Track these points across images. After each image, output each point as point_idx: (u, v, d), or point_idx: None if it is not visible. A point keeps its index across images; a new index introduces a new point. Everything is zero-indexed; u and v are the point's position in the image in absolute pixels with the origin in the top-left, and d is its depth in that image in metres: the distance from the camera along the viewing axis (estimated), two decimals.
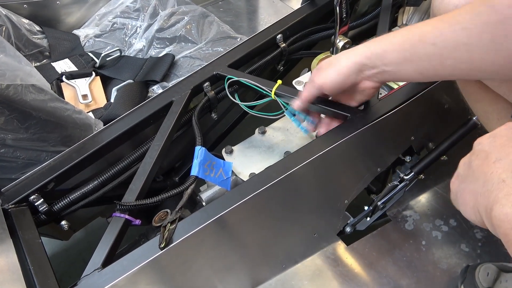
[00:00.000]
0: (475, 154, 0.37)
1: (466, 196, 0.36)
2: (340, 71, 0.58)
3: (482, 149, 0.36)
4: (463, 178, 0.38)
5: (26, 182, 0.63)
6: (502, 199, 0.31)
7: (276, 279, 0.71)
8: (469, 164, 0.37)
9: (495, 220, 0.31)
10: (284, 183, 0.61)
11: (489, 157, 0.34)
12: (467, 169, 0.37)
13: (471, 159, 0.37)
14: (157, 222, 0.60)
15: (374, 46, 0.54)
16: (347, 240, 0.75)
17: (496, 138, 0.36)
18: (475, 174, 0.35)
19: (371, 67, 0.56)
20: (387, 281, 0.70)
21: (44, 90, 0.65)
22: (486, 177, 0.33)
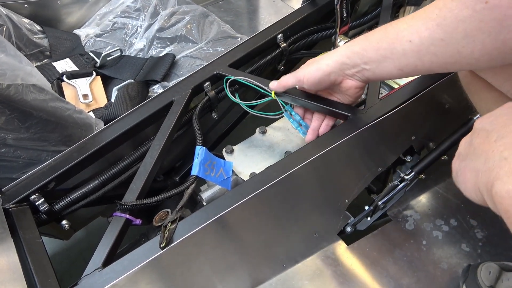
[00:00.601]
0: (476, 132, 0.37)
1: (467, 174, 0.37)
2: (320, 68, 0.60)
3: (483, 127, 0.36)
4: (464, 157, 0.38)
5: (27, 181, 0.63)
6: (504, 176, 0.31)
7: (277, 278, 0.71)
8: (470, 143, 0.38)
9: (496, 197, 0.31)
10: (284, 182, 0.61)
11: (490, 136, 0.35)
12: (468, 147, 0.38)
13: (472, 138, 0.37)
14: (157, 222, 0.60)
15: (354, 46, 0.56)
16: (348, 240, 0.75)
17: (497, 117, 0.36)
18: (476, 152, 0.36)
19: (352, 66, 0.57)
20: (388, 281, 0.70)
21: (45, 89, 0.65)
22: (488, 154, 0.34)
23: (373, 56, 0.54)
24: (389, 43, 0.51)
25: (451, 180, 0.84)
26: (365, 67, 0.56)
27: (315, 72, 0.61)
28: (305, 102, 0.68)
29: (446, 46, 0.46)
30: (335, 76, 0.60)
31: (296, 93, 0.68)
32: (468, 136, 0.39)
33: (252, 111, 0.71)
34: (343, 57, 0.57)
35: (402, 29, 0.50)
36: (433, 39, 0.47)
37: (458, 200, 0.81)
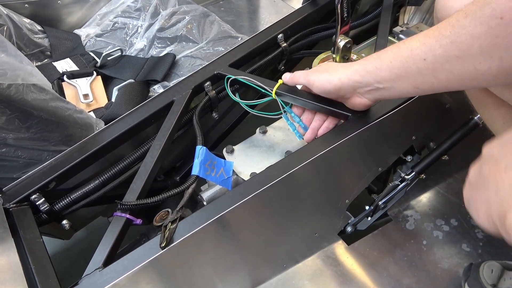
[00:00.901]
0: (485, 160, 0.37)
1: (479, 204, 0.37)
2: (332, 82, 0.59)
3: (492, 155, 0.36)
4: (474, 186, 0.38)
5: (28, 181, 0.63)
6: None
7: (277, 278, 0.71)
8: (479, 171, 0.37)
9: (509, 228, 0.31)
10: (285, 182, 0.61)
11: (499, 164, 0.34)
12: (478, 176, 0.37)
13: (481, 166, 0.37)
14: (158, 222, 0.60)
15: (367, 64, 0.55)
16: (348, 239, 0.75)
17: (505, 144, 0.36)
18: (486, 182, 0.36)
19: (365, 85, 0.57)
20: (388, 281, 0.70)
21: (46, 89, 0.65)
22: (498, 185, 0.34)
23: (386, 75, 0.53)
24: (403, 62, 0.51)
25: (451, 180, 0.84)
26: (378, 86, 0.55)
27: (326, 84, 0.60)
28: (306, 102, 0.68)
29: (462, 63, 0.46)
30: (345, 92, 0.60)
31: (297, 92, 0.68)
32: (478, 163, 0.38)
33: (252, 111, 0.71)
34: (357, 75, 0.57)
35: (415, 47, 0.49)
36: (448, 56, 0.46)
37: (458, 200, 0.81)
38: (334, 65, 0.62)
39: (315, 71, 0.63)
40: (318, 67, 0.63)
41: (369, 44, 0.90)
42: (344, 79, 0.58)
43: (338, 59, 0.73)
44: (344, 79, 0.58)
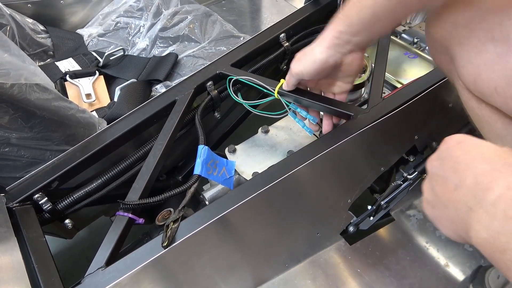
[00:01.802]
0: (433, 179, 0.38)
1: (444, 222, 0.38)
2: (316, 59, 0.60)
3: (437, 173, 0.38)
4: (433, 205, 0.39)
5: (30, 181, 0.64)
6: (475, 226, 0.32)
7: (279, 278, 0.71)
8: (432, 190, 0.38)
9: (477, 246, 0.33)
10: (287, 182, 0.61)
11: (448, 184, 0.35)
12: (432, 195, 0.38)
13: (432, 184, 0.39)
14: (160, 221, 0.60)
15: (338, 26, 0.57)
16: (350, 239, 0.75)
17: (444, 161, 0.37)
18: (442, 202, 0.37)
19: (344, 43, 0.58)
20: (390, 281, 0.70)
21: (48, 89, 0.65)
22: (455, 205, 0.35)
23: (360, 27, 0.55)
24: (371, 9, 0.52)
25: None
26: (357, 39, 0.57)
27: (313, 65, 0.60)
28: (308, 101, 0.68)
29: None
30: (334, 59, 0.60)
31: (300, 92, 0.68)
32: (427, 181, 0.40)
33: (255, 110, 0.71)
34: (333, 40, 0.58)
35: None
36: None
37: None
38: (307, 48, 0.62)
39: (295, 62, 0.63)
40: (294, 59, 0.63)
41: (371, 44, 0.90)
42: (324, 50, 0.59)
43: None
44: (324, 49, 0.59)
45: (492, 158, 0.33)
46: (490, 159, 0.33)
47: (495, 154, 0.34)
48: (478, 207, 0.32)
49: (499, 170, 0.32)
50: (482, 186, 0.32)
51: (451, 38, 0.49)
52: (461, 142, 0.37)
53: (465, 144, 0.36)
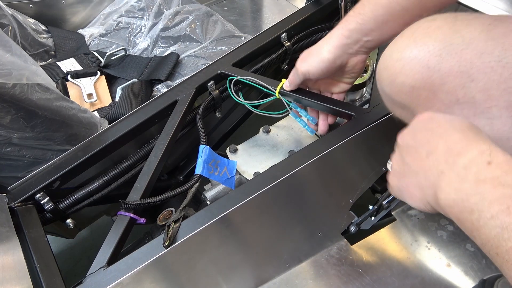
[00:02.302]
0: (404, 150, 0.40)
1: (412, 190, 0.39)
2: (323, 59, 0.59)
3: (408, 144, 0.39)
4: (401, 174, 0.40)
5: (32, 180, 0.64)
6: (445, 188, 0.34)
7: (280, 278, 0.71)
8: (402, 161, 0.40)
9: (445, 208, 0.34)
10: (288, 182, 0.61)
11: (420, 152, 0.37)
12: (402, 165, 0.40)
13: (402, 156, 0.40)
14: (161, 221, 0.60)
15: (349, 24, 0.56)
16: (352, 239, 0.75)
17: (417, 133, 0.38)
18: (413, 169, 0.38)
19: (354, 43, 0.57)
20: (392, 281, 0.70)
21: (50, 89, 0.65)
22: (425, 171, 0.36)
23: (372, 26, 0.54)
24: (385, 7, 0.51)
25: None
26: (367, 39, 0.56)
27: (320, 64, 0.60)
28: (309, 101, 0.68)
29: None
30: (341, 60, 0.60)
31: (301, 92, 0.68)
32: (397, 154, 0.41)
33: (256, 110, 0.71)
34: (343, 39, 0.57)
35: None
36: None
37: None
38: (314, 47, 0.61)
39: (301, 62, 0.62)
40: (300, 58, 0.62)
41: None
42: (333, 49, 0.58)
43: None
44: (333, 49, 0.58)
45: (464, 130, 0.35)
46: (462, 130, 0.35)
47: (467, 127, 0.35)
48: (449, 170, 0.33)
49: (472, 139, 0.34)
50: (455, 151, 0.34)
51: (412, 99, 0.46)
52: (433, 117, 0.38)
53: (437, 119, 0.38)
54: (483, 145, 0.33)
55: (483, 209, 0.30)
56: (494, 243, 0.30)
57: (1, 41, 0.59)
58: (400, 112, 0.54)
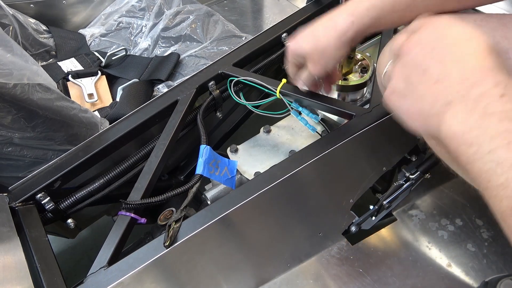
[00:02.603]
0: (409, 66, 0.35)
1: (413, 115, 0.36)
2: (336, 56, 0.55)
3: (416, 61, 0.35)
4: (402, 94, 0.37)
5: (33, 180, 0.64)
6: (450, 119, 0.32)
7: (281, 278, 0.71)
8: (406, 78, 0.36)
9: (445, 139, 0.32)
10: (289, 182, 0.61)
11: (430, 74, 0.34)
12: (405, 84, 0.36)
13: (406, 72, 0.36)
14: (162, 221, 0.60)
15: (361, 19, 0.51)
16: (352, 239, 0.75)
17: (428, 47, 0.34)
18: (418, 93, 0.35)
19: (362, 35, 0.53)
20: (393, 281, 0.70)
21: (51, 89, 0.65)
22: (432, 98, 0.33)
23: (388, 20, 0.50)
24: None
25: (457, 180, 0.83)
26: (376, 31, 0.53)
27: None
28: (310, 101, 0.68)
29: None
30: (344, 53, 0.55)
31: (301, 92, 0.68)
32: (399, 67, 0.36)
33: (257, 110, 0.71)
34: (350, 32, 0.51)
35: None
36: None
37: (464, 200, 0.81)
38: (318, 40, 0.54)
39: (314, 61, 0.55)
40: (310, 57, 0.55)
41: (373, 43, 0.90)
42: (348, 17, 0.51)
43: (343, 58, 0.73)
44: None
45: (483, 55, 0.32)
46: (481, 55, 0.32)
47: (486, 50, 0.32)
48: (458, 101, 0.31)
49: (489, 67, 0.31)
50: (469, 82, 0.31)
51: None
52: (450, 27, 0.34)
53: (454, 33, 0.34)
54: (499, 76, 0.31)
55: (483, 143, 0.29)
56: (486, 177, 0.29)
57: (2, 41, 0.59)
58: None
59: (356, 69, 0.77)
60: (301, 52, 0.56)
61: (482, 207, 0.78)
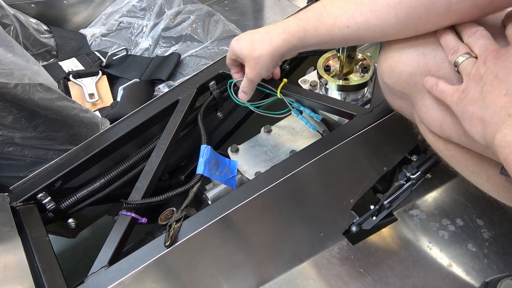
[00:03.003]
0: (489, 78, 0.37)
1: (475, 120, 0.38)
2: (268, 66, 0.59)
3: (497, 74, 0.37)
4: (472, 100, 0.39)
5: (34, 180, 0.64)
6: (505, 129, 0.34)
7: (282, 277, 0.71)
8: (480, 87, 0.38)
9: (497, 147, 0.34)
10: (289, 182, 0.61)
11: (501, 87, 0.36)
12: (479, 93, 0.38)
13: (484, 82, 0.38)
14: (163, 221, 0.60)
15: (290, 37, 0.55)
16: (353, 239, 0.75)
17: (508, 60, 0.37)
18: (486, 101, 0.37)
19: (294, 49, 0.57)
20: (393, 281, 0.70)
21: (52, 89, 0.65)
22: (496, 109, 0.36)
23: (313, 42, 0.54)
24: (328, 30, 0.51)
25: (457, 180, 0.83)
26: (308, 49, 0.56)
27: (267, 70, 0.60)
28: (310, 101, 0.68)
29: (382, 31, 0.47)
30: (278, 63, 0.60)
31: (302, 91, 0.68)
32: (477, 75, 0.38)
33: (257, 110, 0.71)
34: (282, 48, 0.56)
35: (338, 15, 0.50)
36: (369, 24, 0.48)
37: (464, 200, 0.81)
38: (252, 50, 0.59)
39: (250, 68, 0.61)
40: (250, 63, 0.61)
41: (374, 43, 0.90)
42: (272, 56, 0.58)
43: (343, 58, 0.73)
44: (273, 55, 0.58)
45: None
46: None
47: None
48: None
49: None
50: None
51: (410, 86, 0.48)
52: None
53: None
54: None
55: None
56: None
57: (3, 41, 0.59)
58: (400, 104, 0.55)
59: (357, 69, 0.77)
60: (239, 54, 0.61)
61: (483, 207, 0.78)
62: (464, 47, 0.42)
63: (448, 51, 0.43)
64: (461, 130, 0.44)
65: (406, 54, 0.48)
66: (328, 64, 0.78)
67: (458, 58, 0.41)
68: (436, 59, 0.45)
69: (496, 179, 0.47)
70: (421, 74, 0.46)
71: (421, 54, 0.46)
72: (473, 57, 0.41)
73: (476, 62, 0.40)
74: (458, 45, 0.42)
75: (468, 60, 0.41)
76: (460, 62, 0.41)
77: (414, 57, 0.47)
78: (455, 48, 0.42)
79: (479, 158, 0.48)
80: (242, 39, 0.61)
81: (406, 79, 0.48)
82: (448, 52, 0.43)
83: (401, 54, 0.48)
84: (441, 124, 0.46)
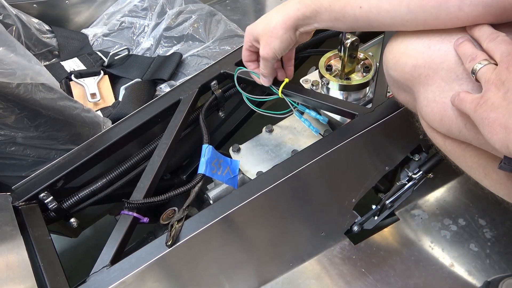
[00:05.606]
0: (509, 81, 0.37)
1: (497, 127, 0.37)
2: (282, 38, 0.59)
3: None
4: (494, 106, 0.38)
5: (36, 180, 0.64)
6: None
7: (283, 277, 0.71)
8: (503, 94, 0.37)
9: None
10: (291, 181, 0.61)
11: None
12: (501, 100, 0.38)
13: (506, 89, 0.37)
14: (164, 220, 0.60)
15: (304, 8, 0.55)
16: (355, 239, 0.75)
17: None
18: (509, 108, 0.37)
19: (306, 24, 0.57)
20: (395, 281, 0.70)
21: (54, 89, 0.65)
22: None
23: (326, 17, 0.54)
24: (341, 7, 0.52)
25: (459, 179, 0.83)
26: (318, 26, 0.56)
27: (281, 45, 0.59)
28: (312, 100, 0.68)
29: (392, 18, 0.48)
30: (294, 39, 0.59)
31: (303, 91, 0.68)
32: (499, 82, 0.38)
33: (259, 110, 0.71)
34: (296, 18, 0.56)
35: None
36: (380, 8, 0.48)
37: (466, 200, 0.81)
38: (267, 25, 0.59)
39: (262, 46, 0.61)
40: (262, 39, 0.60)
41: (376, 43, 0.90)
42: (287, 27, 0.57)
43: (345, 58, 0.73)
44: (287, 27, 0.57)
45: None
46: None
47: None
48: None
49: None
50: None
51: (413, 78, 0.49)
52: None
53: None
54: None
55: None
56: None
57: (5, 41, 0.59)
58: (404, 96, 0.55)
59: (358, 69, 0.77)
60: (254, 33, 0.61)
61: (485, 207, 0.78)
62: (482, 54, 0.41)
63: (466, 58, 0.43)
64: (462, 123, 0.44)
65: (411, 45, 0.48)
66: (329, 64, 0.78)
67: (476, 65, 0.41)
68: (440, 51, 0.45)
69: (493, 175, 0.48)
70: (425, 66, 0.46)
71: (426, 46, 0.47)
72: (492, 63, 0.40)
73: (495, 68, 0.39)
74: (476, 52, 0.42)
75: (487, 66, 0.40)
76: (478, 69, 0.41)
77: (419, 49, 0.47)
78: (473, 56, 0.42)
79: (476, 155, 0.48)
80: (257, 21, 0.61)
81: (410, 71, 0.48)
82: (465, 60, 0.43)
83: (406, 45, 0.49)
84: (442, 117, 0.46)
